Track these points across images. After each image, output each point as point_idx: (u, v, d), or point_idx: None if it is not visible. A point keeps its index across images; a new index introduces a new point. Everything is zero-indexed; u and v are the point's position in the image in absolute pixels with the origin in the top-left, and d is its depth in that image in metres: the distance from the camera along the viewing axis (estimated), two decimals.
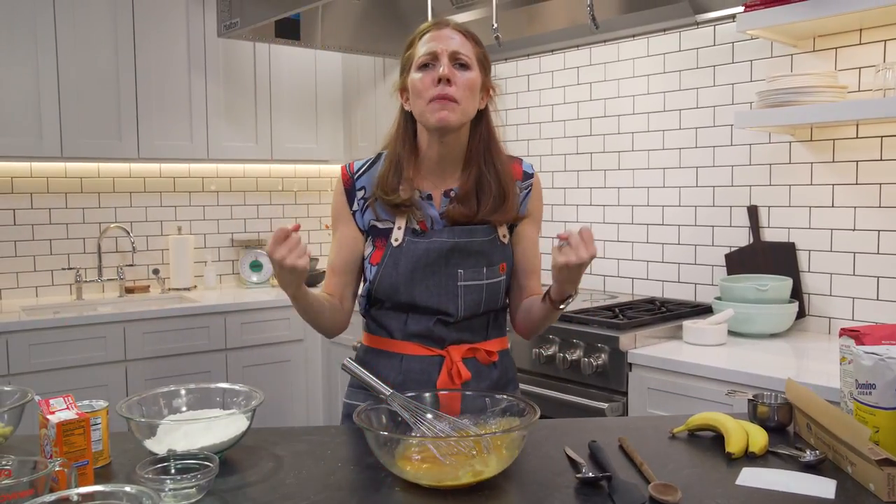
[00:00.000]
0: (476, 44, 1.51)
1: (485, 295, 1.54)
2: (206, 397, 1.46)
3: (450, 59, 1.46)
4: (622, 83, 3.05)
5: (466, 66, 1.47)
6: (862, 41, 2.33)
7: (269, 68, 3.62)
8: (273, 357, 3.40)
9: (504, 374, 1.62)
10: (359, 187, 1.58)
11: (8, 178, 3.26)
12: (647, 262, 3.01)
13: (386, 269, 1.53)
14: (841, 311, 2.44)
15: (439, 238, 1.51)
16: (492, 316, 1.60)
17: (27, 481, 1.05)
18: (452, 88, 1.44)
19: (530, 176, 1.62)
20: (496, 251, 1.55)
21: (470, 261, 1.52)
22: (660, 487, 1.14)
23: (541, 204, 1.67)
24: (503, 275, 1.56)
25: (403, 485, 1.18)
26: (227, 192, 3.85)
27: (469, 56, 1.48)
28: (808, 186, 2.50)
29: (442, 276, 1.52)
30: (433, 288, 1.52)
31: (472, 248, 1.52)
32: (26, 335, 2.80)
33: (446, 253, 1.51)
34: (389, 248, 1.53)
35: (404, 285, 1.52)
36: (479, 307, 1.54)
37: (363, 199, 1.57)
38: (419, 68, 1.47)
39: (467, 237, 1.52)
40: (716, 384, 2.03)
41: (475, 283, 1.53)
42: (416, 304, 1.53)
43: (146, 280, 3.61)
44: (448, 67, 1.44)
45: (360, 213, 1.58)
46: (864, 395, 1.26)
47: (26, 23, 2.98)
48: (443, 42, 1.46)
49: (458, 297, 1.52)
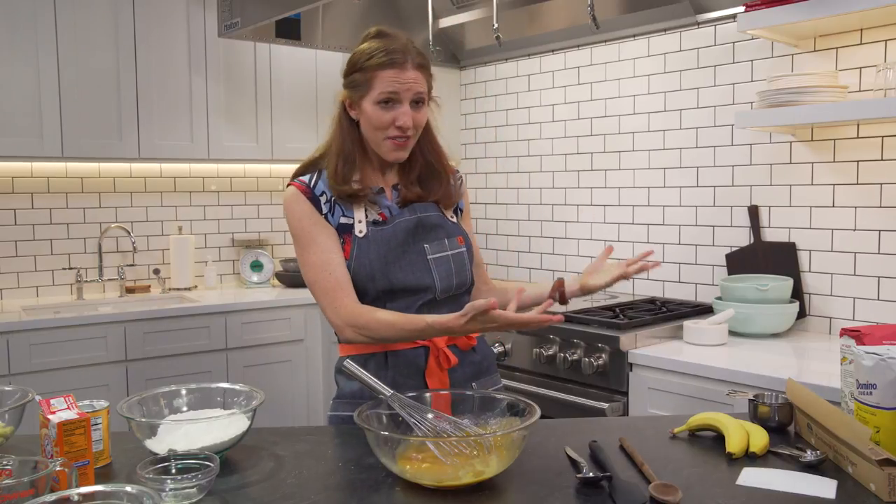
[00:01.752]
0: (429, 75, 1.57)
1: (453, 266, 1.61)
2: (207, 397, 1.47)
3: (411, 100, 1.52)
4: (623, 83, 3.05)
5: (422, 101, 1.55)
6: (863, 41, 2.33)
7: (269, 68, 3.62)
8: (274, 357, 3.40)
9: (485, 358, 1.68)
10: (319, 192, 1.58)
11: (9, 177, 3.26)
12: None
13: (358, 259, 1.55)
14: (841, 311, 2.44)
15: (401, 218, 1.58)
16: (465, 299, 1.65)
17: (28, 481, 1.05)
18: (410, 129, 1.54)
19: (457, 171, 1.73)
20: (451, 226, 1.65)
21: (432, 234, 1.60)
22: (660, 487, 1.14)
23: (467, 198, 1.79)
24: (463, 246, 1.64)
25: (404, 485, 1.18)
26: (227, 192, 3.85)
27: (424, 92, 1.55)
28: (808, 186, 2.50)
29: (412, 253, 1.57)
30: (407, 266, 1.56)
31: (432, 221, 1.61)
32: (27, 335, 2.80)
33: (413, 230, 1.58)
34: (355, 241, 1.56)
35: (380, 271, 1.55)
36: (452, 279, 1.60)
37: (328, 202, 1.58)
38: (379, 103, 1.51)
39: (425, 212, 1.61)
40: (716, 384, 2.03)
41: (442, 254, 1.60)
42: (394, 286, 1.55)
43: (147, 280, 3.61)
44: (409, 112, 1.52)
45: (331, 215, 1.58)
46: (865, 395, 1.26)
47: (27, 23, 2.98)
48: (406, 87, 1.51)
49: (430, 271, 1.58)
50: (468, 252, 1.66)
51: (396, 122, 1.52)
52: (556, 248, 3.37)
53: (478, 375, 1.64)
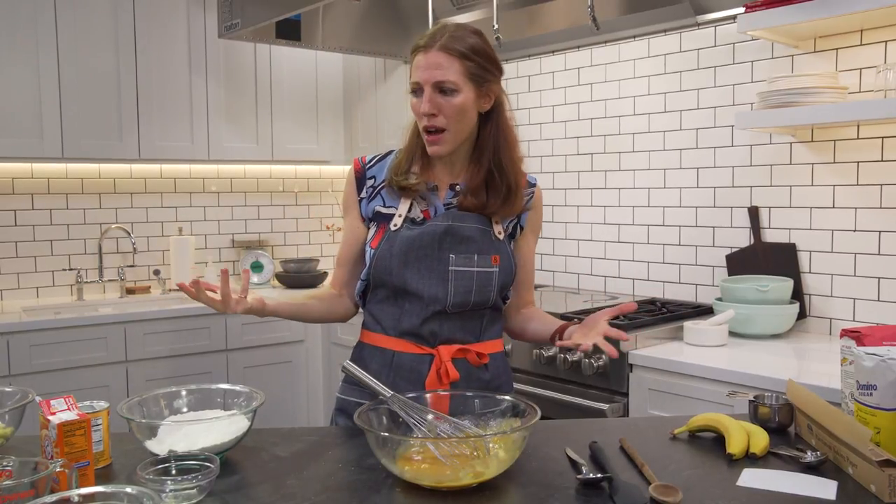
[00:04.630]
0: (466, 59, 1.48)
1: (475, 283, 1.55)
2: (207, 398, 1.47)
3: (434, 88, 1.47)
4: (623, 84, 3.05)
5: (453, 90, 1.47)
6: (863, 42, 2.33)
7: (269, 69, 3.62)
8: (274, 358, 3.40)
9: (496, 378, 1.63)
10: (369, 176, 1.63)
11: (9, 178, 3.26)
12: (648, 263, 3.01)
13: (382, 251, 1.56)
14: (842, 312, 2.44)
15: (434, 222, 1.55)
16: (487, 316, 1.61)
17: (28, 482, 1.05)
18: (439, 118, 1.48)
19: (532, 185, 1.66)
20: (489, 242, 1.57)
21: (461, 246, 1.54)
22: (660, 488, 1.14)
23: (540, 218, 1.71)
24: (496, 267, 1.56)
25: (404, 486, 1.18)
26: (227, 193, 3.85)
27: (455, 80, 1.47)
28: (808, 187, 2.50)
29: (433, 259, 1.54)
30: (424, 271, 1.54)
31: (464, 233, 1.54)
32: (27, 336, 2.80)
33: (439, 237, 1.53)
34: (388, 233, 1.57)
35: (397, 267, 1.54)
36: (469, 296, 1.55)
37: (372, 188, 1.62)
38: (413, 92, 1.51)
39: (460, 221, 1.55)
40: (717, 385, 2.03)
41: (466, 269, 1.54)
42: (406, 287, 1.55)
43: (147, 281, 3.62)
44: (430, 102, 1.47)
45: (367, 201, 1.62)
46: (865, 396, 1.25)
47: (27, 24, 2.99)
48: (427, 70, 1.47)
49: (448, 283, 1.54)
50: (501, 273, 1.58)
51: (422, 111, 1.48)
52: (557, 249, 3.36)
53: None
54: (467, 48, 1.48)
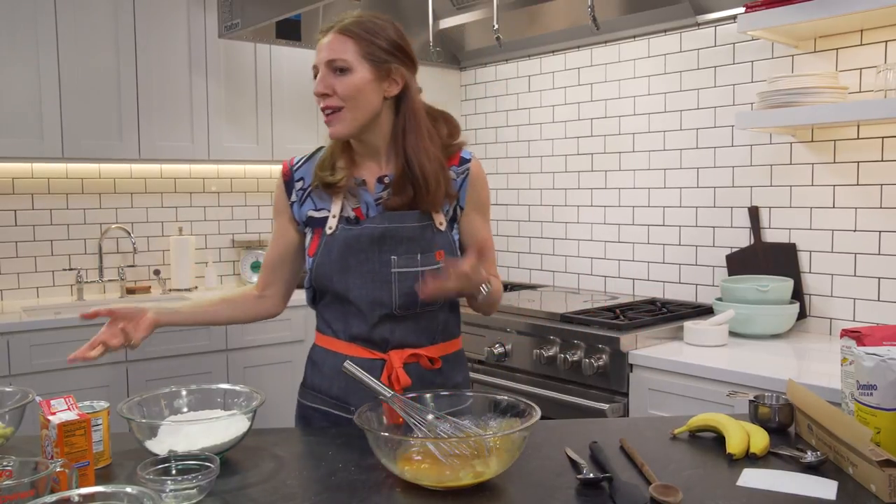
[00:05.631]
0: (359, 38, 1.46)
1: (421, 283, 1.48)
2: (207, 398, 1.47)
3: (327, 68, 1.46)
4: (623, 84, 3.05)
5: (345, 69, 1.45)
6: (863, 42, 2.33)
7: (269, 69, 3.62)
8: (274, 358, 3.40)
9: (449, 380, 1.58)
10: (297, 178, 1.60)
11: (9, 178, 3.26)
12: (648, 263, 3.01)
13: (320, 257, 1.53)
14: (842, 312, 2.44)
15: (370, 224, 1.50)
16: (442, 320, 1.57)
17: (28, 482, 1.05)
18: (333, 98, 1.46)
19: (467, 161, 1.58)
20: (431, 238, 1.52)
21: (402, 247, 1.50)
22: (661, 488, 1.14)
23: (484, 191, 1.62)
24: (440, 262, 1.50)
25: (404, 486, 1.18)
26: (227, 193, 3.85)
27: (347, 59, 1.45)
28: (808, 187, 2.50)
29: (375, 262, 1.50)
30: (366, 275, 1.50)
31: (404, 234, 1.50)
32: (27, 336, 2.80)
33: (378, 239, 1.49)
34: (324, 237, 1.53)
35: (338, 273, 1.51)
36: (415, 296, 1.49)
37: (301, 190, 1.58)
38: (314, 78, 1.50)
39: (398, 222, 1.50)
40: (717, 385, 2.03)
41: (409, 269, 1.49)
42: (349, 293, 1.50)
43: (147, 281, 3.61)
44: (322, 81, 1.46)
45: (298, 205, 1.58)
46: (866, 396, 1.25)
47: (27, 24, 2.98)
48: (320, 53, 1.47)
49: (391, 284, 1.49)
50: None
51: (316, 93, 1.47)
52: (557, 249, 3.36)
53: None
54: (364, 29, 1.47)
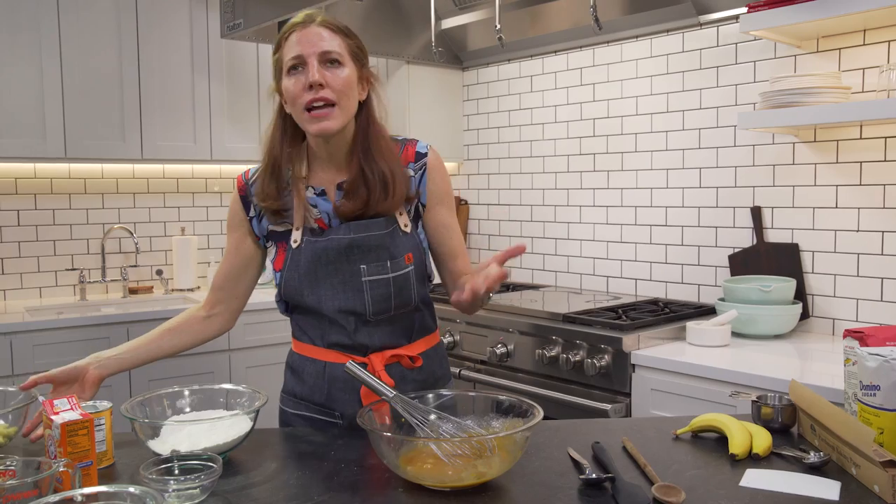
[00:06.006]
0: (346, 36, 1.44)
1: (393, 289, 1.48)
2: (210, 398, 1.47)
3: (319, 59, 1.40)
4: (625, 84, 3.05)
5: (338, 62, 1.41)
6: (866, 42, 2.33)
7: (271, 69, 3.62)
8: (276, 358, 3.40)
9: (431, 375, 1.58)
10: (254, 193, 1.54)
11: (12, 179, 3.27)
12: (651, 263, 3.01)
13: (288, 272, 1.50)
14: (845, 313, 2.43)
15: (336, 235, 1.46)
16: (417, 317, 1.56)
17: (31, 482, 1.05)
18: (326, 91, 1.39)
19: (424, 155, 1.53)
20: (399, 242, 1.49)
21: (371, 255, 1.47)
22: (663, 489, 1.14)
23: (444, 183, 1.56)
24: (410, 265, 1.49)
25: (406, 485, 1.18)
26: (230, 193, 3.85)
27: (340, 52, 1.41)
28: (811, 187, 2.50)
29: (345, 273, 1.47)
30: (338, 286, 1.47)
31: (371, 243, 1.47)
32: (30, 336, 2.80)
33: (345, 250, 1.46)
34: (289, 251, 1.50)
35: (308, 287, 1.48)
36: (388, 301, 1.48)
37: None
38: (289, 73, 1.42)
39: (364, 231, 1.46)
40: (719, 385, 2.03)
41: (380, 277, 1.47)
42: (322, 305, 1.48)
43: (150, 281, 3.62)
44: (318, 71, 1.38)
45: (258, 220, 1.55)
46: (869, 397, 1.25)
47: (30, 24, 2.99)
48: (308, 44, 1.40)
49: (363, 293, 1.47)
50: (416, 269, 1.51)
51: (306, 84, 1.38)
52: (559, 250, 3.36)
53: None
54: (345, 28, 1.45)
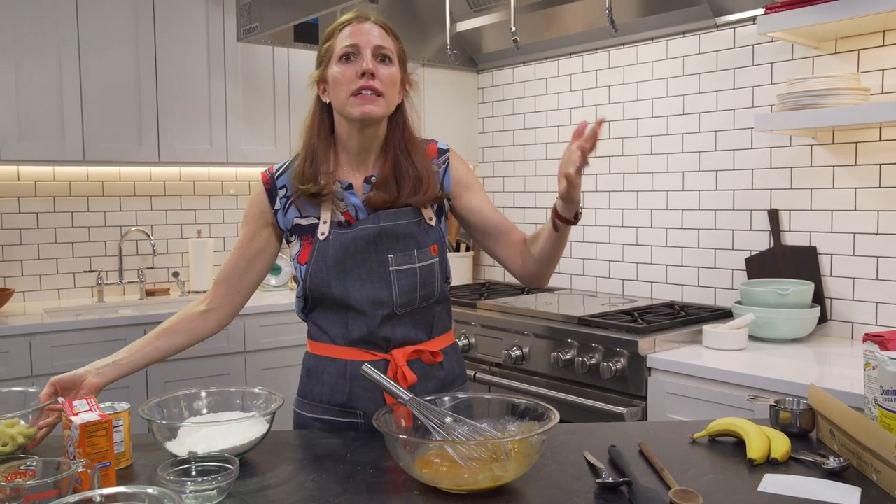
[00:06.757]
0: (396, 39, 1.53)
1: (419, 279, 1.51)
2: (226, 400, 1.48)
3: (372, 53, 1.47)
4: (641, 86, 3.04)
5: (389, 59, 1.49)
6: (885, 43, 2.31)
7: (287, 72, 3.64)
8: (292, 360, 3.41)
9: (450, 373, 1.60)
10: (280, 185, 1.58)
11: (31, 181, 3.30)
12: (667, 266, 2.99)
13: (315, 264, 1.51)
14: (864, 316, 2.41)
15: (365, 225, 1.50)
16: (436, 312, 1.58)
17: (52, 482, 1.06)
18: (376, 81, 1.45)
19: (445, 151, 1.62)
20: (425, 234, 1.54)
21: (399, 244, 1.51)
22: (680, 493, 1.13)
23: (469, 171, 1.64)
24: (435, 257, 1.54)
25: (422, 488, 1.18)
26: (246, 196, 3.87)
27: (392, 50, 1.50)
28: (829, 190, 2.48)
29: (373, 262, 1.50)
30: (365, 276, 1.49)
31: (400, 231, 1.51)
32: (49, 337, 2.83)
33: (374, 239, 1.49)
34: (316, 243, 1.52)
35: (336, 278, 1.50)
36: (415, 293, 1.51)
37: (285, 198, 1.56)
38: (340, 60, 1.48)
39: (393, 220, 1.51)
40: (737, 389, 2.02)
41: (408, 266, 1.51)
42: (349, 297, 1.50)
43: (166, 283, 3.64)
44: (371, 61, 1.46)
45: (283, 212, 1.57)
46: (889, 402, 1.24)
47: (50, 28, 3.02)
48: (365, 36, 1.47)
49: (391, 283, 1.50)
50: (441, 261, 1.56)
51: (359, 72, 1.45)
52: (574, 252, 3.35)
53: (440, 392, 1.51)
54: (395, 31, 1.53)
